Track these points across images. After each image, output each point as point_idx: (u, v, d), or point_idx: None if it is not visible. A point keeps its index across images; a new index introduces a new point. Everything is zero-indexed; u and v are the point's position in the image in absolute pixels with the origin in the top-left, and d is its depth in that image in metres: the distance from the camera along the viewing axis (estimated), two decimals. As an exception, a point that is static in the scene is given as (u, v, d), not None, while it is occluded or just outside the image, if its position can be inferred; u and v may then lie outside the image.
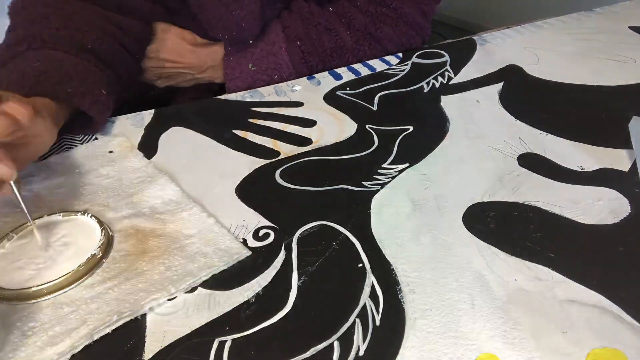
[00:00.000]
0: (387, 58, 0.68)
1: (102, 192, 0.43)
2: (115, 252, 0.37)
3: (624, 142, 0.48)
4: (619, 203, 0.41)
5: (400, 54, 0.69)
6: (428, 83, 0.61)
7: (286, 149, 0.50)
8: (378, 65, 0.66)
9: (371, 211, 0.41)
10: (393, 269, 0.36)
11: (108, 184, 0.44)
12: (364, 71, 0.65)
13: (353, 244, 0.38)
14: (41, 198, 0.43)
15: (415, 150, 0.49)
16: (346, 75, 0.64)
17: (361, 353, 0.30)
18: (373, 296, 0.33)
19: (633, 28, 0.76)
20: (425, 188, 0.44)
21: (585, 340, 0.30)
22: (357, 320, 0.32)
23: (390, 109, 0.56)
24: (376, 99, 0.58)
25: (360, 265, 0.36)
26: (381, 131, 0.52)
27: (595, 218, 0.39)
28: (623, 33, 0.74)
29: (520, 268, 0.35)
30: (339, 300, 0.33)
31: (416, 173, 0.46)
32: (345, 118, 0.55)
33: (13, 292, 0.34)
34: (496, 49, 0.70)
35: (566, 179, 0.44)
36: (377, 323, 0.32)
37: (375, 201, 0.42)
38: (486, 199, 0.42)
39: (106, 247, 0.37)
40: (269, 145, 0.50)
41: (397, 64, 0.66)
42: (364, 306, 0.33)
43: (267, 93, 0.60)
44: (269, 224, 0.40)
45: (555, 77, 0.62)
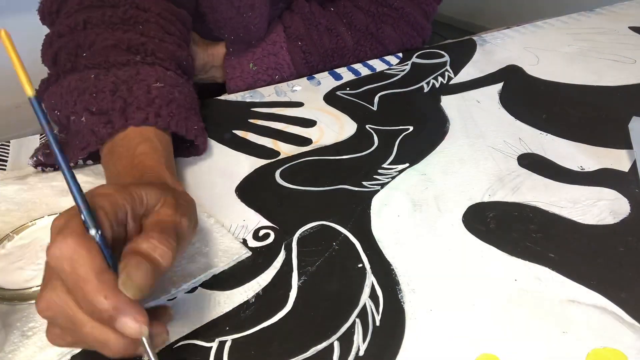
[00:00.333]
0: (387, 58, 0.68)
1: (102, 192, 0.43)
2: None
3: (624, 142, 0.48)
4: (619, 203, 0.41)
5: (400, 54, 0.69)
6: (428, 83, 0.61)
7: (286, 149, 0.50)
8: (378, 65, 0.66)
9: (371, 211, 0.41)
10: (393, 269, 0.36)
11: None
12: (364, 71, 0.65)
13: (353, 244, 0.38)
14: (41, 198, 0.43)
15: (415, 150, 0.49)
16: (346, 75, 0.64)
17: (361, 353, 0.30)
18: (373, 296, 0.33)
19: (633, 28, 0.76)
20: (425, 188, 0.44)
21: (585, 340, 0.30)
22: (357, 320, 0.32)
23: (390, 109, 0.56)
24: (376, 99, 0.58)
25: (360, 265, 0.36)
26: (381, 131, 0.52)
27: (595, 218, 0.39)
28: (623, 33, 0.74)
29: (520, 268, 0.35)
30: (339, 300, 0.33)
31: (416, 173, 0.46)
32: (345, 118, 0.55)
33: (13, 292, 0.34)
34: (496, 49, 0.70)
35: (566, 179, 0.44)
36: (377, 323, 0.32)
37: (375, 201, 0.42)
38: (486, 199, 0.42)
39: (106, 247, 0.37)
40: (269, 145, 0.50)
41: (397, 64, 0.66)
42: (364, 306, 0.33)
43: (267, 93, 0.60)
44: (269, 224, 0.40)
45: (555, 77, 0.62)
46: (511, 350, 0.30)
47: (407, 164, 0.47)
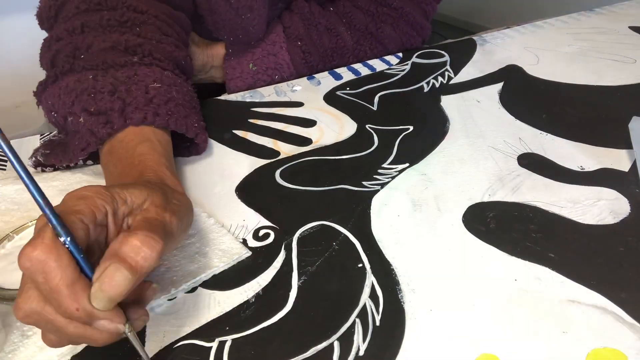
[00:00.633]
0: (387, 58, 0.68)
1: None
2: (115, 252, 0.37)
3: (624, 142, 0.48)
4: (619, 203, 0.41)
5: (400, 54, 0.69)
6: (428, 83, 0.61)
7: (286, 149, 0.50)
8: (378, 65, 0.66)
9: (371, 211, 0.41)
10: (393, 269, 0.36)
11: (108, 184, 0.44)
12: (364, 71, 0.65)
13: (353, 244, 0.38)
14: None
15: (415, 150, 0.49)
16: (346, 75, 0.64)
17: (361, 353, 0.30)
18: (373, 296, 0.33)
19: (633, 28, 0.76)
20: (425, 188, 0.44)
21: (585, 340, 0.30)
22: (357, 320, 0.32)
23: (390, 109, 0.56)
24: (376, 99, 0.58)
25: (360, 265, 0.36)
26: (381, 131, 0.52)
27: (595, 218, 0.39)
28: (623, 33, 0.74)
29: (520, 268, 0.35)
30: (339, 300, 0.33)
31: (416, 173, 0.46)
32: (345, 118, 0.55)
33: (13, 292, 0.34)
34: (496, 49, 0.70)
35: (566, 179, 0.44)
36: (377, 323, 0.32)
37: (375, 201, 0.42)
38: (486, 199, 0.42)
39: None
40: (269, 145, 0.50)
41: (397, 64, 0.66)
42: (364, 306, 0.33)
43: (267, 93, 0.60)
44: (269, 224, 0.40)
45: (555, 77, 0.62)
46: (511, 350, 0.30)
47: (407, 164, 0.47)
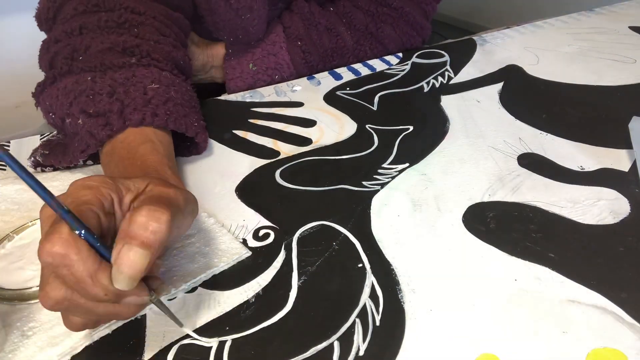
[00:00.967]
0: (387, 58, 0.68)
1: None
2: (115, 252, 0.37)
3: (624, 142, 0.48)
4: (619, 203, 0.41)
5: (400, 54, 0.69)
6: (428, 83, 0.61)
7: (286, 149, 0.50)
8: (378, 65, 0.66)
9: (371, 211, 0.41)
10: (393, 269, 0.36)
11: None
12: (364, 71, 0.65)
13: (353, 244, 0.38)
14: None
15: (415, 150, 0.49)
16: (346, 75, 0.64)
17: (361, 353, 0.30)
18: (373, 296, 0.33)
19: (633, 28, 0.76)
20: (425, 188, 0.44)
21: (585, 340, 0.30)
22: (357, 320, 0.32)
23: (390, 109, 0.56)
24: (376, 99, 0.58)
25: (360, 265, 0.36)
26: (381, 131, 0.52)
27: (595, 218, 0.39)
28: (623, 33, 0.74)
29: (520, 268, 0.35)
30: (339, 300, 0.33)
31: (416, 173, 0.46)
32: (345, 118, 0.55)
33: (13, 292, 0.34)
34: (496, 49, 0.70)
35: (566, 179, 0.44)
36: (377, 323, 0.32)
37: (375, 201, 0.42)
38: (486, 199, 0.42)
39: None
40: (269, 145, 0.50)
41: (397, 64, 0.66)
42: (364, 306, 0.33)
43: (267, 93, 0.60)
44: (269, 224, 0.40)
45: (555, 77, 0.62)
46: (511, 350, 0.30)
47: (407, 164, 0.47)
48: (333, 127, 0.53)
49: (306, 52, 0.63)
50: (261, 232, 0.39)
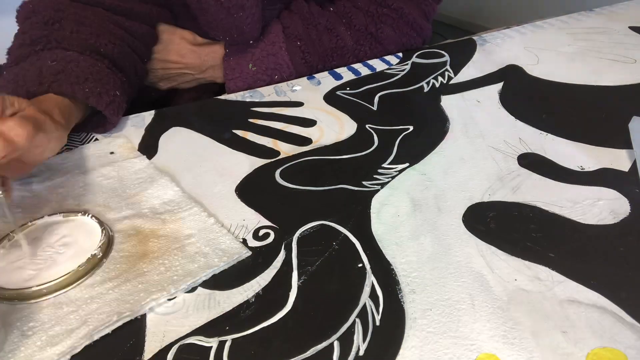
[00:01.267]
0: (387, 58, 0.68)
1: (103, 193, 0.43)
2: (115, 253, 0.37)
3: (624, 142, 0.48)
4: (619, 203, 0.41)
5: (400, 54, 0.69)
6: (428, 83, 0.61)
7: (286, 149, 0.50)
8: (378, 65, 0.66)
9: (371, 211, 0.41)
10: (393, 269, 0.36)
11: (109, 185, 0.44)
12: (364, 71, 0.65)
13: (353, 244, 0.38)
14: (41, 198, 0.43)
15: (415, 150, 0.49)
16: (346, 75, 0.64)
17: (361, 353, 0.30)
18: (373, 296, 0.33)
19: (633, 28, 0.76)
20: (425, 188, 0.44)
21: (585, 340, 0.30)
22: (357, 320, 0.32)
23: (390, 109, 0.56)
24: (376, 99, 0.58)
25: (360, 265, 0.36)
26: (381, 131, 0.52)
27: (595, 218, 0.39)
28: (623, 33, 0.74)
29: (520, 268, 0.35)
30: (339, 300, 0.33)
31: (416, 173, 0.46)
32: (345, 118, 0.55)
33: (13, 292, 0.34)
34: (496, 49, 0.70)
35: (566, 179, 0.44)
36: (377, 323, 0.32)
37: (375, 201, 0.42)
38: (486, 199, 0.42)
39: (106, 248, 0.37)
40: (269, 145, 0.50)
41: (397, 64, 0.66)
42: (364, 306, 0.33)
43: (267, 93, 0.60)
44: (269, 224, 0.40)
45: (555, 77, 0.62)
46: (511, 350, 0.30)
47: (407, 164, 0.47)
48: (333, 127, 0.53)
49: (306, 52, 0.63)
50: (261, 232, 0.39)
